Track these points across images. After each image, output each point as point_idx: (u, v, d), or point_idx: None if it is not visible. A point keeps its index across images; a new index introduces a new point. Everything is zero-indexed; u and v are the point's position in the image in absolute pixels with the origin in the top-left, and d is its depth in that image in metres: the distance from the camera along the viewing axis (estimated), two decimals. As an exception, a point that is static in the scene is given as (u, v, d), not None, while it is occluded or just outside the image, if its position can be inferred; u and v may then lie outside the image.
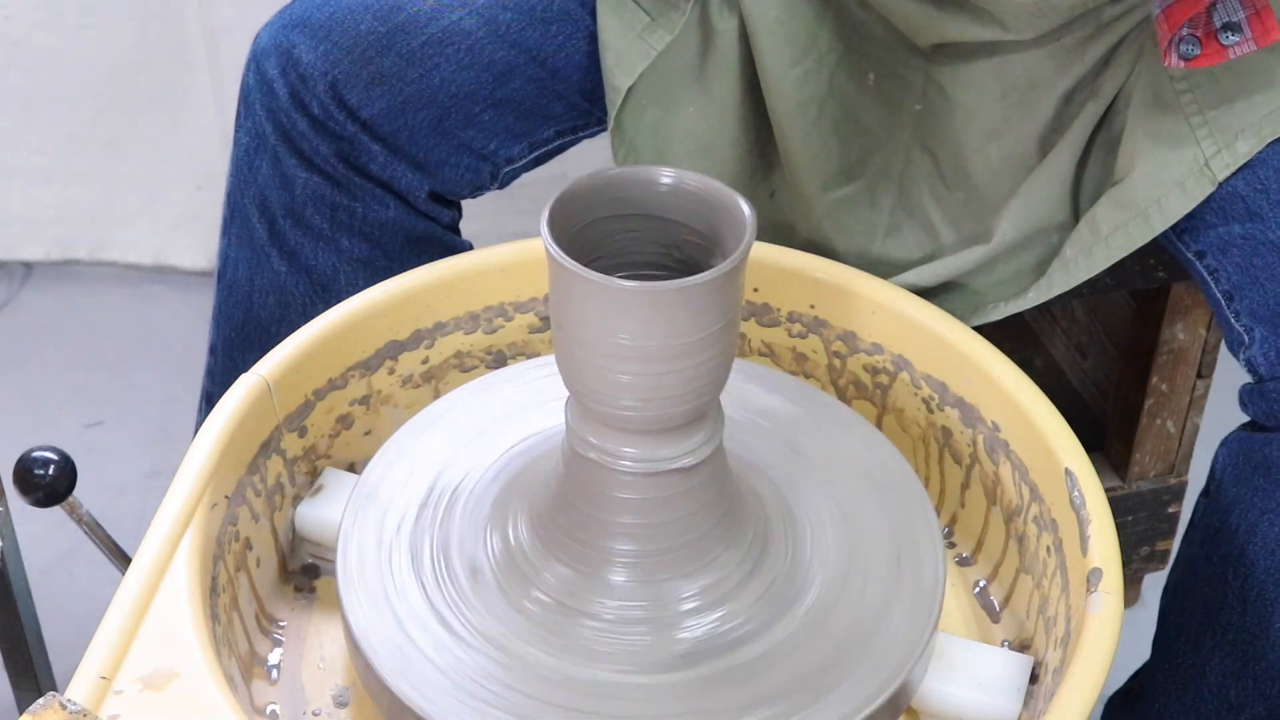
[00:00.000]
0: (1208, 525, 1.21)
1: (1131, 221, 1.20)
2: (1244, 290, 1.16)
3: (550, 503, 1.04)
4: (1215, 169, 1.18)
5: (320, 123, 1.26)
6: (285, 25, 1.28)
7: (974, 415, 1.18)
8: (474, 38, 1.27)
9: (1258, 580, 1.15)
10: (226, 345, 1.37)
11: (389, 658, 1.01)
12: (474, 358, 1.27)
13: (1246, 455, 1.16)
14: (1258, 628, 1.16)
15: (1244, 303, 1.16)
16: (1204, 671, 1.22)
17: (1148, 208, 1.19)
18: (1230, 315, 1.17)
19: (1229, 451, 1.19)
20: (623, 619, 1.02)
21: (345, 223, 1.29)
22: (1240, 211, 1.18)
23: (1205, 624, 1.21)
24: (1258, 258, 1.16)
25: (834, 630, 1.03)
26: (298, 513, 1.17)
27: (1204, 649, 1.22)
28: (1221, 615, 1.19)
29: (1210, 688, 1.22)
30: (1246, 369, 1.17)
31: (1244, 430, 1.19)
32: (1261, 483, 1.14)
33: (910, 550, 1.08)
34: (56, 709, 0.90)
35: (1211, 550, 1.20)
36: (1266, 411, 1.15)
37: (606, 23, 1.27)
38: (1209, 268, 1.19)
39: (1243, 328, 1.16)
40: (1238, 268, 1.17)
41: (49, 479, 1.23)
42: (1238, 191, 1.18)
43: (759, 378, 1.18)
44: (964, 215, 1.26)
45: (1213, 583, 1.20)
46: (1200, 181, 1.18)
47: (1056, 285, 1.23)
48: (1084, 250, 1.22)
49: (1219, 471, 1.19)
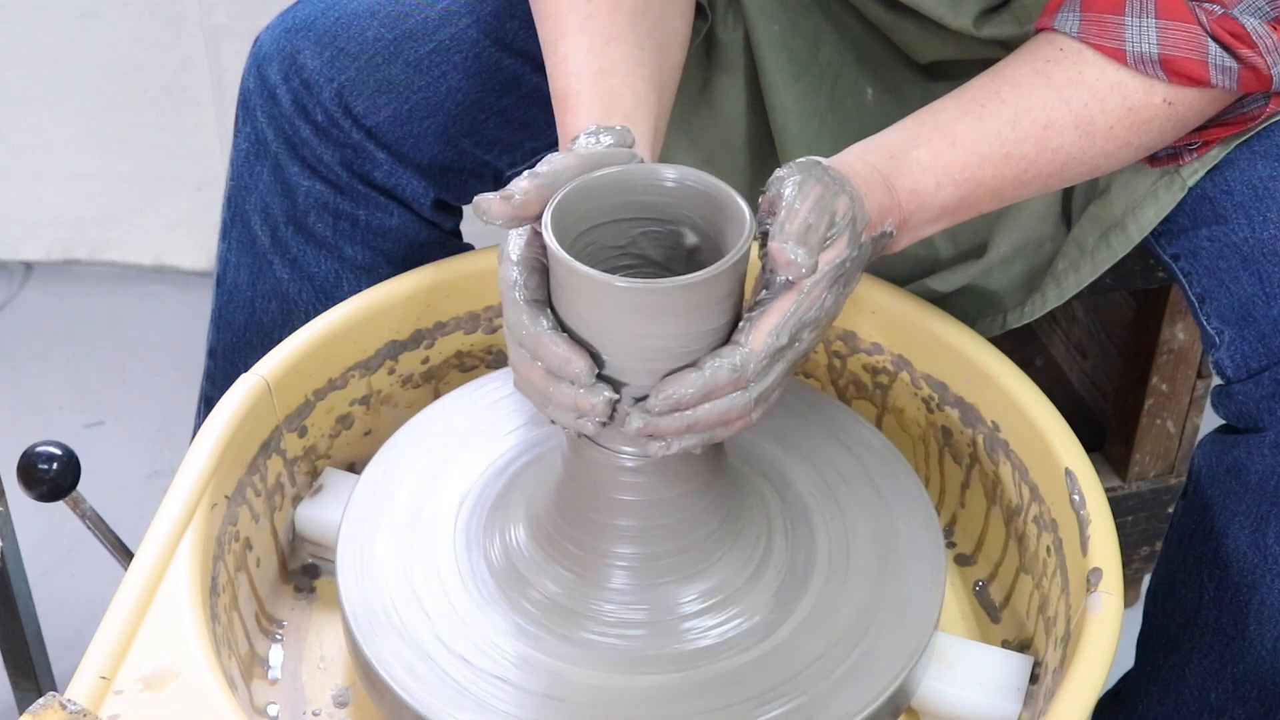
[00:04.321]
0: (1185, 528, 1.21)
1: (1111, 232, 1.21)
2: (1213, 293, 1.16)
3: (550, 505, 1.04)
4: (1185, 175, 1.18)
5: (324, 130, 1.25)
6: (288, 30, 1.27)
7: (974, 415, 1.18)
8: (481, 45, 1.27)
9: (1232, 583, 1.15)
10: (227, 350, 1.36)
11: (389, 658, 1.01)
12: (474, 358, 1.27)
13: (1219, 458, 1.16)
14: (1234, 630, 1.16)
15: (1213, 305, 1.16)
16: (1184, 674, 1.22)
17: (1124, 218, 1.20)
18: (1203, 318, 1.18)
19: (1204, 454, 1.19)
20: (623, 621, 1.02)
21: (348, 230, 1.28)
22: (1208, 215, 1.18)
23: (1184, 627, 1.21)
24: (1223, 260, 1.16)
25: (834, 630, 1.03)
26: (298, 513, 1.17)
27: (1183, 651, 1.22)
28: (1199, 618, 1.19)
29: (1190, 690, 1.22)
30: (1215, 371, 1.17)
31: (1217, 433, 1.19)
32: (1233, 485, 1.14)
33: (910, 550, 1.08)
34: (56, 709, 0.90)
35: (1188, 553, 1.20)
36: (1235, 413, 1.15)
37: None
38: (1183, 270, 1.19)
39: (1214, 330, 1.16)
40: (1206, 270, 1.17)
41: (53, 474, 1.23)
42: (1205, 194, 1.18)
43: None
44: (960, 229, 1.26)
45: (1190, 585, 1.20)
46: (1170, 189, 1.19)
47: (1050, 300, 1.25)
48: (1072, 265, 1.23)
49: (1195, 474, 1.19)
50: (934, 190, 1.06)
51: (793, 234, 0.94)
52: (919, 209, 1.07)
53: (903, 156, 1.06)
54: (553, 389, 0.95)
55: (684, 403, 0.94)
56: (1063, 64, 1.08)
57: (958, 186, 1.07)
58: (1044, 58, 1.08)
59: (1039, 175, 1.10)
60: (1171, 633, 1.23)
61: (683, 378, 0.93)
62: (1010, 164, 1.08)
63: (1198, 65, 1.06)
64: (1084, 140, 1.09)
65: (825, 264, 0.96)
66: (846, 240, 0.98)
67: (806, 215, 0.95)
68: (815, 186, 0.97)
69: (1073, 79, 1.08)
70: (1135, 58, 1.06)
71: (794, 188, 0.96)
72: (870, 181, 1.03)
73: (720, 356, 0.94)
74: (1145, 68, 1.06)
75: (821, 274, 0.96)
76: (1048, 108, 1.08)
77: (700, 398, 0.94)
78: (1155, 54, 1.05)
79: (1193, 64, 1.06)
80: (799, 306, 0.96)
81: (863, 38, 1.26)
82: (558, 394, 0.95)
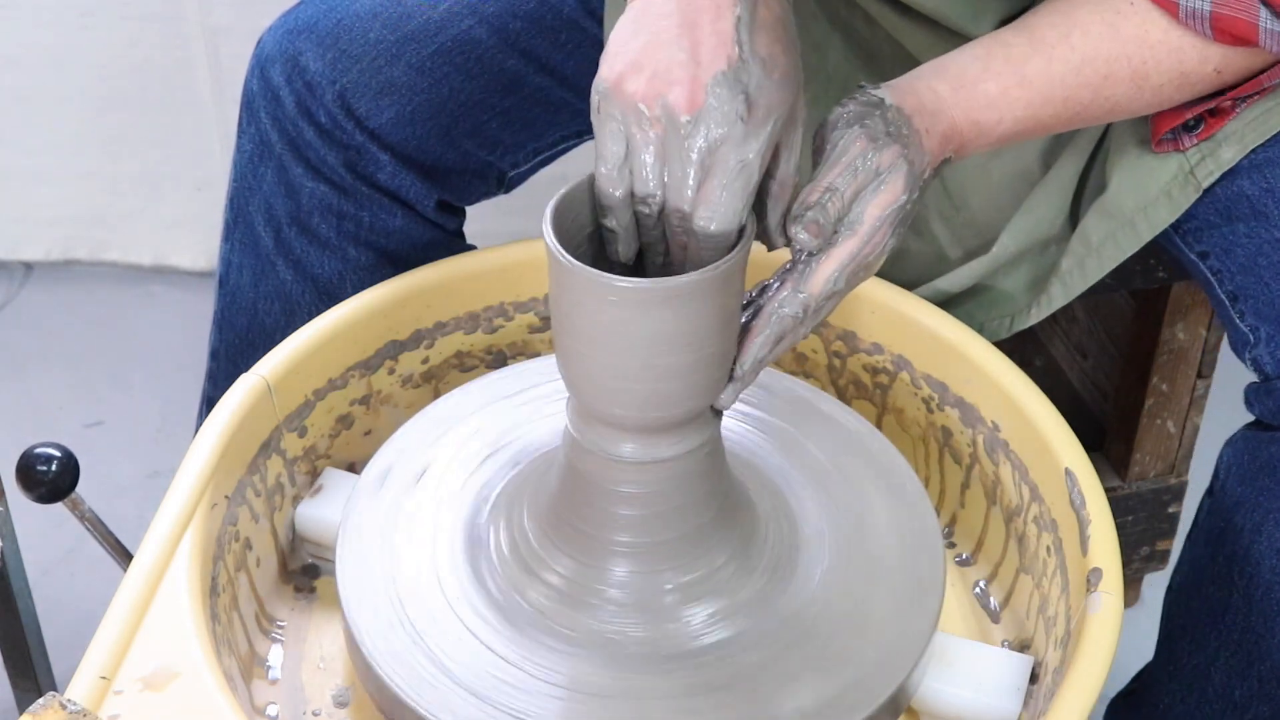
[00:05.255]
0: (1212, 525, 1.20)
1: (1119, 231, 1.21)
2: (1249, 290, 1.17)
3: (551, 500, 1.04)
4: (1200, 176, 1.19)
5: (328, 132, 1.25)
6: (290, 31, 1.26)
7: (974, 415, 1.18)
8: (484, 46, 1.27)
9: (1263, 580, 1.15)
10: (229, 351, 1.36)
11: (389, 658, 1.01)
12: (474, 358, 1.27)
13: (1252, 455, 1.16)
14: (1263, 628, 1.16)
15: (1249, 302, 1.16)
16: (1208, 672, 1.22)
17: (1134, 217, 1.21)
18: (1235, 315, 1.18)
19: (1234, 451, 1.19)
20: (623, 615, 1.02)
21: (352, 232, 1.28)
22: (1245, 211, 1.18)
23: (1210, 624, 1.21)
24: (1263, 256, 1.16)
25: (834, 630, 1.03)
26: (298, 513, 1.17)
27: (1208, 649, 1.22)
28: (1226, 616, 1.19)
29: (1214, 688, 1.22)
30: (1253, 368, 1.17)
31: (1249, 429, 1.19)
32: (1267, 482, 1.14)
33: (910, 550, 1.08)
34: (56, 709, 0.90)
35: (1216, 550, 1.20)
36: (1274, 410, 1.15)
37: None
38: (1213, 268, 1.20)
39: (1248, 327, 1.16)
40: (1242, 268, 1.17)
41: (52, 475, 1.23)
42: (1243, 192, 1.18)
43: (758, 376, 1.18)
44: (967, 231, 1.26)
45: (1218, 583, 1.20)
46: (1185, 190, 1.20)
47: (1056, 300, 1.25)
48: (1078, 263, 1.24)
49: (1224, 471, 1.19)
50: (995, 124, 1.09)
51: (807, 205, 0.98)
52: (977, 138, 1.09)
53: (972, 88, 1.09)
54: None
55: (764, 360, 1.00)
56: (1132, 20, 1.10)
57: (1017, 122, 1.10)
58: (1114, 9, 1.10)
59: (1087, 118, 1.14)
60: (1196, 630, 1.23)
61: (756, 337, 0.99)
62: (1067, 106, 1.11)
63: (1247, 26, 1.07)
64: (1134, 93, 1.12)
65: (879, 213, 1.00)
66: (903, 184, 1.01)
67: (833, 180, 0.99)
68: (858, 141, 1.00)
69: (1139, 37, 1.10)
70: (1187, 12, 1.08)
71: (833, 144, 1.01)
72: (936, 114, 1.06)
73: (783, 305, 0.99)
74: (1195, 24, 1.08)
75: (881, 219, 1.00)
76: (1111, 60, 1.10)
77: (772, 343, 0.99)
78: (1207, 11, 1.07)
79: (1242, 24, 1.07)
80: (859, 252, 1.00)
81: (871, 42, 1.26)
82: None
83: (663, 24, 0.96)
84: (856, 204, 0.99)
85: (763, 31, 0.96)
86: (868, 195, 1.00)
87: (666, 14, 0.96)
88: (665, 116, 0.94)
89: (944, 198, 1.27)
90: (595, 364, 0.96)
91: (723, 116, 0.93)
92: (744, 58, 0.94)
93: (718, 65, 0.94)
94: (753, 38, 0.95)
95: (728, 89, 0.93)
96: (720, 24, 0.95)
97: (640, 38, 0.96)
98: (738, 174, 0.94)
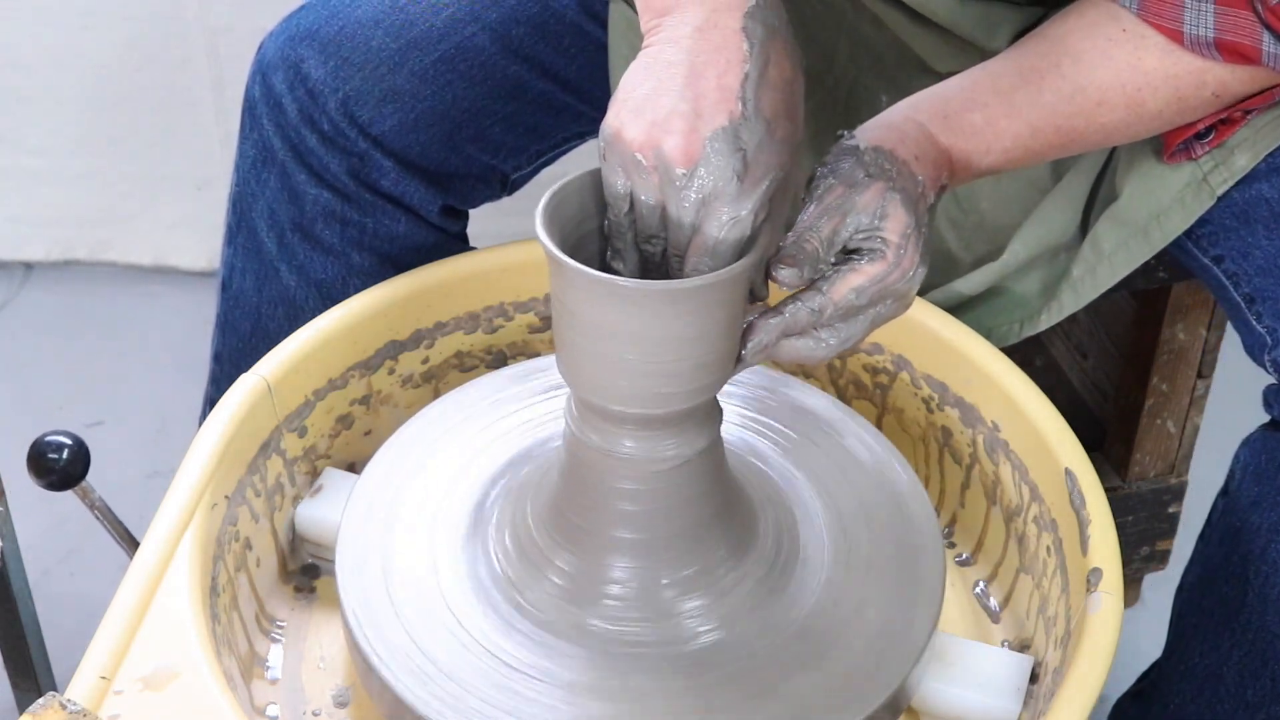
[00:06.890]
0: (1227, 525, 1.20)
1: (1132, 239, 1.22)
2: (1268, 292, 1.17)
3: (552, 497, 1.04)
4: (1214, 183, 1.19)
5: (331, 139, 1.25)
6: (292, 38, 1.26)
7: (974, 415, 1.18)
8: (486, 54, 1.27)
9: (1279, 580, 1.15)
10: (233, 355, 1.36)
11: (389, 658, 1.01)
12: (474, 358, 1.27)
13: (1269, 455, 1.16)
14: (1278, 628, 1.16)
15: (1268, 304, 1.16)
16: (1221, 671, 1.22)
17: (1147, 224, 1.21)
18: (1252, 318, 1.18)
19: (1250, 451, 1.18)
20: (623, 617, 1.02)
21: (355, 237, 1.28)
22: (1265, 214, 1.18)
23: (1223, 623, 1.21)
24: None
25: (833, 629, 1.03)
26: (298, 513, 1.17)
27: (1222, 648, 1.21)
28: (1240, 615, 1.19)
29: (1227, 688, 1.22)
30: (1272, 369, 1.17)
31: (1266, 430, 1.19)
32: None
33: (910, 550, 1.08)
34: (56, 709, 0.90)
35: (1231, 550, 1.20)
36: None
37: (618, 42, 1.27)
38: (1228, 272, 1.19)
39: (1265, 329, 1.16)
40: (1261, 270, 1.17)
41: (63, 462, 1.23)
42: (1262, 195, 1.18)
43: (759, 377, 1.18)
44: (977, 238, 1.26)
45: (1232, 582, 1.20)
46: (1199, 197, 1.19)
47: (1066, 306, 1.26)
48: (1089, 270, 1.24)
49: (1240, 471, 1.19)
50: (981, 155, 1.08)
51: (786, 249, 0.97)
52: (963, 169, 1.08)
53: (956, 118, 1.08)
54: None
55: (768, 345, 0.99)
56: (1125, 46, 1.09)
57: (1005, 153, 1.09)
58: (1106, 36, 1.09)
59: (1082, 145, 1.13)
60: (1209, 630, 1.23)
61: (765, 323, 0.98)
62: (1059, 135, 1.10)
63: (1251, 49, 1.07)
64: (1130, 118, 1.11)
65: (896, 238, 0.99)
66: (904, 210, 1.00)
67: (810, 222, 0.98)
68: (835, 189, 0.99)
69: (1133, 64, 1.09)
70: (1192, 40, 1.07)
71: (810, 193, 1.00)
72: (920, 141, 1.05)
73: (800, 300, 0.98)
74: (1201, 49, 1.07)
75: (902, 239, 0.99)
76: (1104, 87, 1.09)
77: (779, 334, 0.98)
78: (1211, 37, 1.07)
79: (1246, 47, 1.07)
80: (886, 275, 0.99)
81: (878, 45, 1.26)
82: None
83: (669, 73, 0.94)
84: (868, 237, 0.99)
85: (770, 91, 0.95)
86: (877, 225, 0.99)
87: (675, 63, 0.95)
88: (661, 167, 0.93)
89: (952, 202, 1.27)
90: (594, 362, 0.96)
91: (719, 172, 0.92)
92: (747, 115, 0.93)
93: (719, 120, 0.93)
94: (758, 95, 0.94)
95: (726, 144, 0.92)
96: (727, 78, 0.94)
97: (646, 85, 0.94)
98: (731, 228, 0.93)
